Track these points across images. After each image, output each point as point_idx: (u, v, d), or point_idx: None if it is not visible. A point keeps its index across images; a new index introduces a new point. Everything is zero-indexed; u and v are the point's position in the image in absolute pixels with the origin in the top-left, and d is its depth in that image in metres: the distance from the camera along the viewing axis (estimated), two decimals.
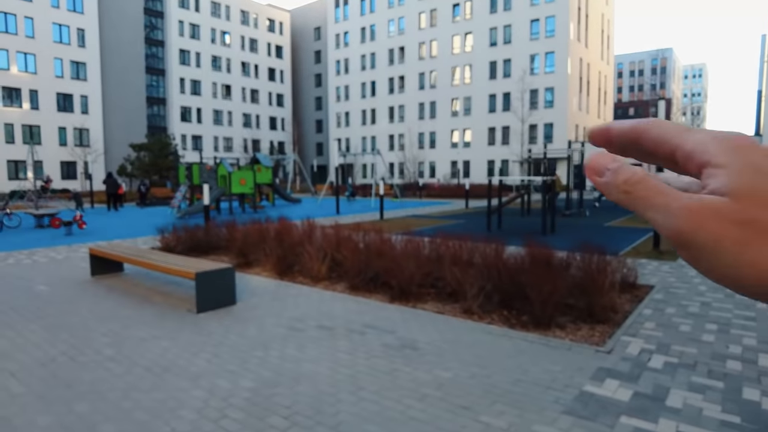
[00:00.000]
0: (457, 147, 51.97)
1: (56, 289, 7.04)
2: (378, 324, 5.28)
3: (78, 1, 44.97)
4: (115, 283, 7.44)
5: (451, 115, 52.12)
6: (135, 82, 50.39)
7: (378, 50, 57.35)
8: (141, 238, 12.71)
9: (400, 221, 16.94)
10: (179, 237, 10.21)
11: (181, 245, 10.02)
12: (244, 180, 20.15)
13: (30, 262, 9.35)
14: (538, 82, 45.65)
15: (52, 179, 26.87)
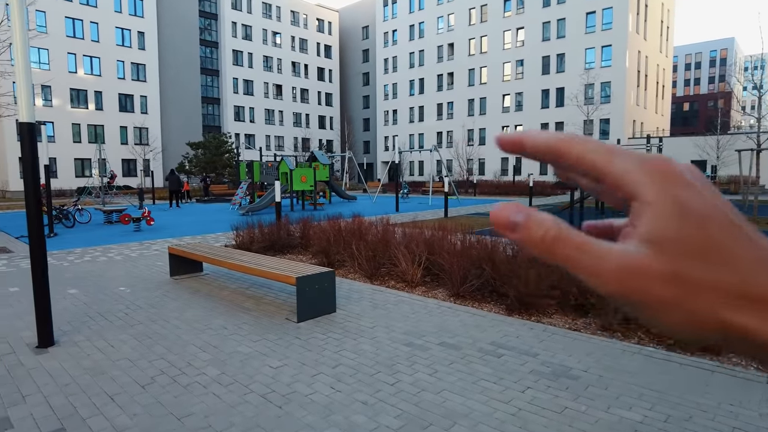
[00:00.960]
0: None
1: (138, 292, 6.67)
2: (510, 343, 4.53)
3: (138, 5, 46.37)
4: (196, 285, 7.02)
5: (502, 111, 50.60)
6: (191, 82, 51.59)
7: (427, 47, 56.44)
8: (210, 235, 12.45)
9: (467, 219, 16.08)
10: (253, 235, 9.78)
11: (256, 244, 9.59)
12: (304, 177, 19.83)
13: (105, 260, 9.14)
14: (593, 77, 43.53)
15: (116, 175, 27.62)
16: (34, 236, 4.42)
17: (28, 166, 4.30)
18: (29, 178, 4.33)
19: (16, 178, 39.91)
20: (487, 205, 23.22)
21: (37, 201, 4.38)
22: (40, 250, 4.48)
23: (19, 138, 4.38)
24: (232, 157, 36.27)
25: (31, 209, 4.37)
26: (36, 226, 4.42)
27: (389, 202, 25.67)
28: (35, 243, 4.44)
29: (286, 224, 10.27)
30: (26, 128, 4.30)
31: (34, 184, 4.35)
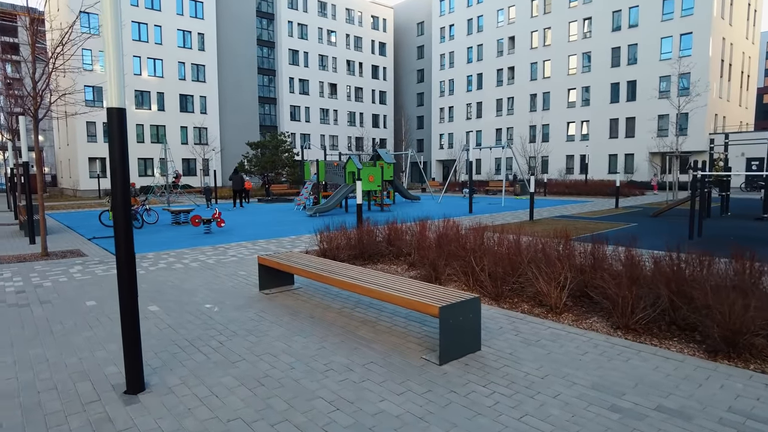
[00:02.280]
0: (574, 140, 47.67)
1: (228, 311, 5.71)
2: (758, 412, 3.17)
3: (199, 7, 47.06)
4: (293, 303, 6.01)
5: (567, 106, 47.90)
6: (248, 82, 51.99)
7: (486, 41, 54.41)
8: (285, 239, 11.57)
9: (554, 223, 14.50)
10: (338, 241, 8.74)
11: (343, 251, 8.55)
12: (372, 177, 18.81)
13: (182, 267, 8.35)
14: (670, 68, 40.25)
15: (181, 174, 27.77)
16: (124, 270, 3.46)
17: (116, 158, 3.36)
18: (118, 173, 3.38)
19: (86, 177, 41.28)
20: (568, 206, 21.44)
21: (125, 204, 3.42)
22: (130, 294, 3.52)
23: (107, 127, 3.42)
24: (291, 156, 35.90)
25: (119, 218, 3.41)
26: (125, 248, 3.46)
27: (457, 203, 24.30)
28: (125, 276, 3.47)
29: (371, 229, 9.17)
30: (115, 115, 3.35)
31: (123, 181, 3.40)
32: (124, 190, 3.39)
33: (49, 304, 6.05)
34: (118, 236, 3.43)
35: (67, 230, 14.65)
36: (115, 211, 3.41)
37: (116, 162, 3.36)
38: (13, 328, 5.13)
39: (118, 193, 3.39)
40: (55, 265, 8.75)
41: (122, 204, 3.40)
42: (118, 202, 3.39)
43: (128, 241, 3.45)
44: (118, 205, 3.40)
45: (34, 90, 9.61)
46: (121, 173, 3.37)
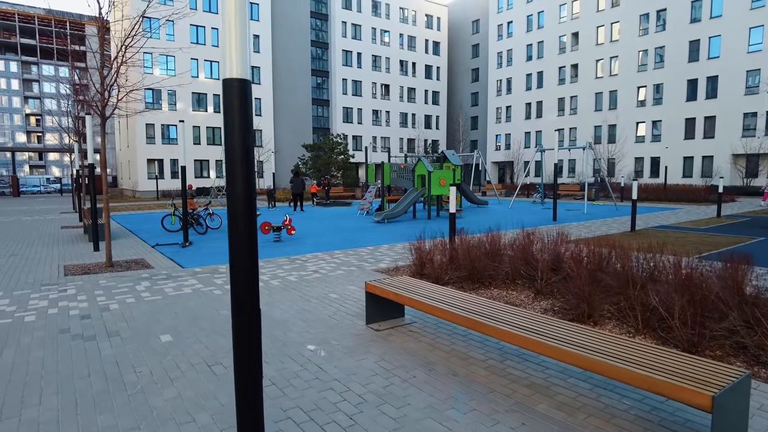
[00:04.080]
0: (644, 141, 44.45)
1: (339, 357, 4.43)
2: None
3: (255, 9, 47.11)
4: (417, 348, 4.66)
5: (637, 105, 44.74)
6: (302, 84, 51.69)
7: (547, 38, 51.86)
8: (363, 249, 10.27)
9: (662, 235, 12.56)
10: (433, 258, 7.35)
11: (450, 272, 7.14)
12: (443, 180, 17.36)
13: (261, 286, 7.20)
14: (759, 61, 36.61)
15: None
16: (244, 322, 2.22)
17: (238, 145, 2.13)
18: (239, 161, 2.17)
19: (145, 178, 41.92)
20: (658, 214, 19.25)
21: (249, 207, 2.18)
22: (252, 356, 2.28)
23: (224, 101, 2.16)
24: (346, 158, 34.97)
25: (241, 231, 2.17)
26: (248, 281, 2.20)
27: (530, 209, 22.48)
28: (244, 329, 2.23)
29: (479, 245, 7.72)
30: (238, 86, 2.10)
31: (246, 172, 2.16)
32: (248, 188, 2.16)
33: (118, 338, 4.96)
34: (237, 260, 2.18)
35: (129, 235, 14.01)
36: (236, 220, 2.17)
37: (237, 153, 2.12)
38: (78, 375, 4.02)
39: (239, 193, 2.15)
40: (121, 280, 7.81)
41: (245, 213, 2.16)
42: (240, 209, 2.15)
43: (251, 277, 2.19)
44: (240, 216, 2.16)
45: (102, 85, 8.77)
46: (243, 163, 2.14)
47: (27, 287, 7.38)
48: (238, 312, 2.25)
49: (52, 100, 77.54)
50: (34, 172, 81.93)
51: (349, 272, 8.21)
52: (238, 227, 2.16)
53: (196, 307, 6.13)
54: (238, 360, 2.28)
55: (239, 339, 2.27)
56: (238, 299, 2.24)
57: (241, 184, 2.13)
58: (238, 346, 2.28)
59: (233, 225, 2.16)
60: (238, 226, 2.16)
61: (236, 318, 2.27)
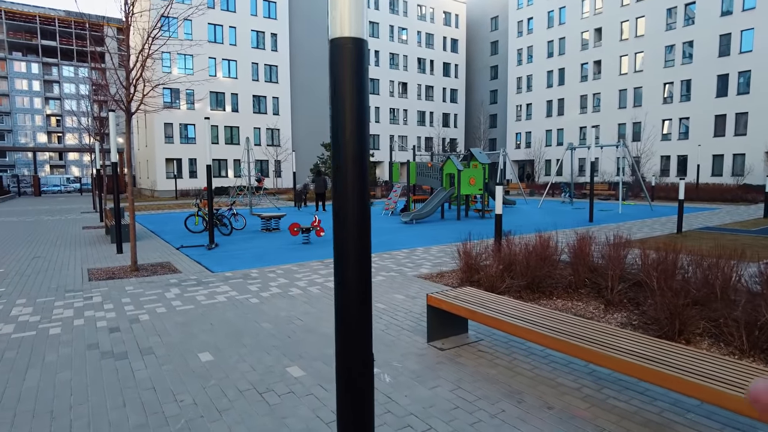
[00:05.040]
0: (670, 139, 43.16)
1: (409, 386, 3.83)
2: None
3: (273, 8, 46.76)
4: (496, 374, 4.05)
5: (663, 101, 43.44)
6: (319, 82, 51.23)
7: (568, 34, 50.70)
8: (399, 253, 9.65)
9: (713, 237, 11.74)
10: (481, 262, 6.71)
11: (500, 280, 6.51)
12: (473, 179, 16.69)
13: (300, 293, 6.64)
14: None
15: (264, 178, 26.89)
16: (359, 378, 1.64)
17: (349, 122, 1.56)
18: (351, 144, 1.60)
19: (163, 178, 41.82)
20: (698, 215, 18.38)
21: (362, 201, 1.62)
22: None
23: (331, 67, 1.56)
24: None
25: (349, 234, 1.60)
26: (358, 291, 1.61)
27: (562, 209, 21.69)
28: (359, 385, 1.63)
29: (539, 249, 7.06)
30: (352, 48, 1.52)
31: (359, 152, 1.60)
32: (361, 176, 1.57)
33: (152, 356, 4.43)
34: (344, 260, 1.59)
35: (152, 236, 13.60)
36: (344, 218, 1.58)
37: (347, 125, 1.56)
38: (111, 405, 3.48)
39: (350, 184, 1.57)
40: (148, 286, 7.31)
41: (358, 209, 1.59)
42: (351, 202, 1.57)
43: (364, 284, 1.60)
44: (350, 212, 1.58)
45: (127, 80, 8.30)
46: (355, 146, 1.55)
47: (51, 294, 6.92)
48: (346, 352, 1.66)
49: (72, 101, 78.35)
50: (54, 172, 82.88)
51: (391, 279, 7.62)
52: (346, 227, 1.57)
53: (233, 318, 5.58)
54: (347, 395, 1.69)
55: (348, 374, 1.67)
56: (346, 325, 1.64)
57: (353, 171, 1.55)
58: (346, 385, 1.69)
59: (341, 225, 1.58)
60: (347, 226, 1.57)
61: (344, 354, 1.67)
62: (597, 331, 3.71)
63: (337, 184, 1.57)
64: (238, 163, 44.66)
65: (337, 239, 1.60)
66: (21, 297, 6.73)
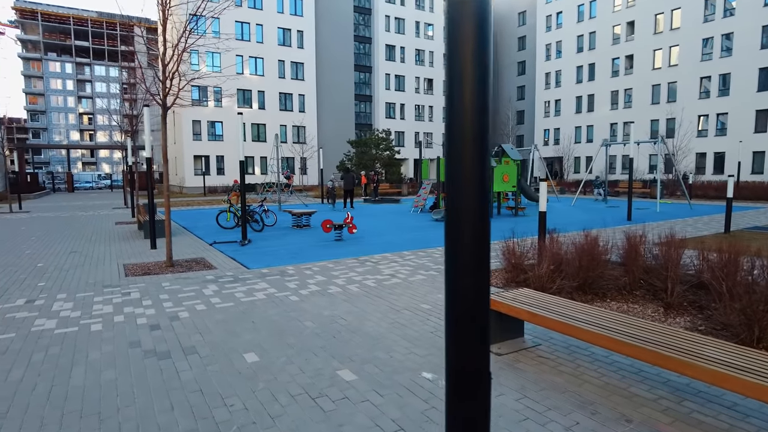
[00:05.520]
0: (706, 136, 41.69)
1: None
2: None
3: (299, 5, 46.84)
4: (564, 383, 3.76)
5: (699, 97, 41.96)
6: (344, 79, 51.18)
7: (599, 28, 49.41)
8: (435, 251, 9.35)
9: (762, 237, 11.11)
10: (546, 267, 6.38)
11: (550, 280, 6.18)
12: (507, 176, 16.28)
13: (339, 291, 6.45)
14: None
15: (293, 175, 26.93)
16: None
17: (469, 94, 1.29)
18: (470, 125, 1.33)
19: (192, 174, 42.35)
20: (744, 214, 17.58)
21: (482, 194, 1.33)
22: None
23: (448, 29, 1.30)
24: (392, 154, 34.16)
25: (466, 229, 1.34)
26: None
27: (595, 207, 21.08)
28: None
29: (589, 248, 6.70)
30: (472, 6, 1.24)
31: (479, 138, 1.34)
32: (481, 162, 1.31)
33: (196, 356, 4.27)
34: (461, 268, 1.34)
35: (184, 232, 13.62)
36: (457, 202, 1.33)
37: (466, 98, 1.30)
38: (159, 408, 3.32)
39: (468, 174, 1.31)
40: (185, 282, 7.22)
41: (478, 196, 1.32)
42: (472, 190, 1.31)
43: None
44: (468, 205, 1.32)
45: (163, 74, 8.23)
46: (475, 127, 1.30)
47: (89, 289, 6.88)
48: (459, 362, 1.41)
49: (103, 99, 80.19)
50: (86, 169, 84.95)
51: (431, 278, 7.36)
52: (461, 226, 1.32)
53: (275, 317, 5.41)
54: (458, 415, 1.44)
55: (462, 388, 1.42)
56: (463, 332, 1.40)
57: (472, 156, 1.29)
58: (457, 407, 1.45)
59: (455, 223, 1.33)
60: (462, 225, 1.32)
61: (456, 362, 1.43)
62: (673, 336, 3.39)
63: (452, 171, 1.32)
64: (264, 161, 44.98)
65: (450, 239, 1.35)
66: (61, 292, 6.71)
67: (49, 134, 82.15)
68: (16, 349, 4.49)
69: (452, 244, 1.36)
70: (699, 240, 10.80)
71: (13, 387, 3.67)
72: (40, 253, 10.09)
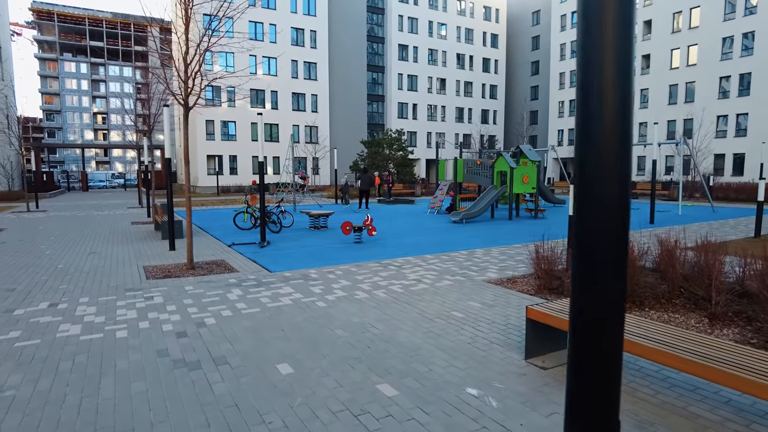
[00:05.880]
0: (725, 137, 40.96)
1: (519, 411, 3.38)
2: None
3: (312, 5, 46.80)
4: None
5: (718, 97, 41.24)
6: (357, 79, 51.06)
7: None
8: (458, 255, 9.14)
9: None
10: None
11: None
12: (527, 177, 16.02)
13: (367, 297, 6.27)
14: None
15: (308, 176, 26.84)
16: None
17: (609, 68, 1.08)
18: (612, 104, 1.13)
19: (205, 174, 42.46)
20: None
21: (623, 192, 1.36)
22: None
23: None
24: (406, 154, 33.95)
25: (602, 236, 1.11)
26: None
27: None
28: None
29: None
30: None
31: (623, 123, 1.09)
32: (624, 152, 1.11)
33: (227, 366, 4.12)
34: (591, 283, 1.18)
35: (200, 232, 13.54)
36: (586, 205, 1.15)
37: (605, 72, 1.08)
38: (195, 424, 3.16)
39: (610, 169, 1.12)
40: (208, 285, 7.09)
41: (619, 203, 1.15)
42: (614, 194, 1.13)
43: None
44: (610, 202, 1.14)
45: (185, 73, 8.12)
46: (619, 109, 1.10)
47: (111, 292, 6.77)
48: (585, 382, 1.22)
49: (117, 98, 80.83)
50: (99, 168, 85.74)
51: (459, 283, 7.16)
52: (595, 236, 1.13)
53: (304, 324, 5.24)
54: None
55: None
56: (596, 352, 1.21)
57: (614, 145, 1.10)
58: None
59: (586, 233, 1.14)
60: (597, 236, 1.13)
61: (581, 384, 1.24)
62: (729, 351, 3.18)
63: (586, 165, 1.13)
64: (277, 161, 45.02)
65: (580, 251, 1.16)
66: (83, 295, 6.61)
67: (64, 133, 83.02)
68: (42, 356, 4.37)
69: (583, 256, 1.17)
70: (731, 245, 10.48)
71: (43, 398, 3.54)
72: (59, 254, 10.04)
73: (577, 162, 1.17)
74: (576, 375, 1.22)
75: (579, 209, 1.16)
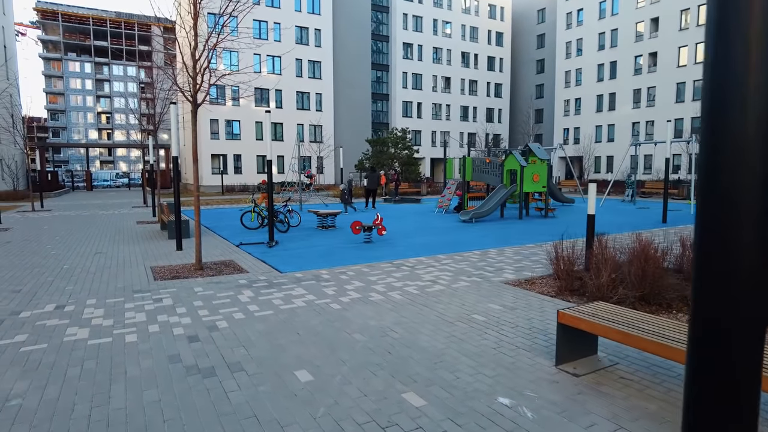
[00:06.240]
0: None
1: (557, 423, 3.17)
2: None
3: (316, 3, 46.61)
4: (645, 402, 3.33)
5: None
6: (362, 78, 50.86)
7: (621, 25, 48.42)
8: (470, 254, 8.93)
9: None
10: (607, 276, 5.91)
11: (611, 289, 5.72)
12: (537, 176, 15.79)
13: (382, 299, 6.07)
14: None
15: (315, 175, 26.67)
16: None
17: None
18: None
19: (209, 173, 42.35)
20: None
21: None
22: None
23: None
24: (411, 153, 33.73)
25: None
26: None
27: (625, 208, 20.47)
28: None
29: (651, 253, 6.23)
30: None
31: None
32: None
33: (243, 373, 3.92)
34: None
35: (207, 231, 13.37)
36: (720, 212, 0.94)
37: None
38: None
39: (751, 161, 0.93)
40: (218, 287, 6.90)
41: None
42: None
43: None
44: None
45: (194, 69, 7.93)
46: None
47: (118, 294, 6.59)
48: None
49: (122, 98, 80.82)
50: (103, 167, 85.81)
51: (476, 285, 6.95)
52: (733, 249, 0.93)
53: (320, 327, 5.05)
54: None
55: None
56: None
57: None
58: None
59: (712, 228, 0.94)
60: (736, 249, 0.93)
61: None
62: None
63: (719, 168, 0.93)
64: (281, 160, 44.88)
65: (701, 242, 0.96)
66: (90, 297, 6.43)
67: (68, 133, 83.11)
68: (49, 362, 4.18)
69: (705, 267, 0.97)
70: None
71: (51, 408, 3.35)
72: (64, 254, 9.88)
73: (703, 163, 0.96)
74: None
75: (699, 216, 0.95)
